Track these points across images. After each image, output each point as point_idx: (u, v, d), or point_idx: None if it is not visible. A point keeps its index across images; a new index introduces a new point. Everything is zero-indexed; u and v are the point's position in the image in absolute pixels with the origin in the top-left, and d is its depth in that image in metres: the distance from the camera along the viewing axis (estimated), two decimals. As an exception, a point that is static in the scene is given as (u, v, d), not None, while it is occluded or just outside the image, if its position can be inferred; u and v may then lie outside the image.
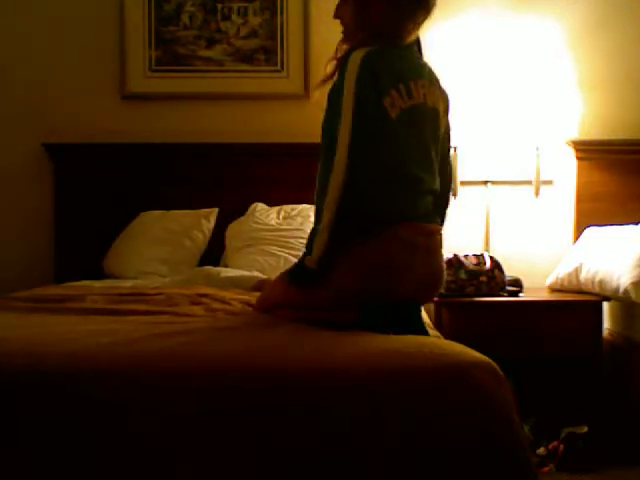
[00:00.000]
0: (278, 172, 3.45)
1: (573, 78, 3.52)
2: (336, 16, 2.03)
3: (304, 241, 3.06)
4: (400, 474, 1.41)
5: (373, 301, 1.86)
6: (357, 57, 1.87)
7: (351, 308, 1.87)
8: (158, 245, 3.24)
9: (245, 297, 2.36)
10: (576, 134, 3.50)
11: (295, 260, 2.94)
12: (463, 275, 2.98)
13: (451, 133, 2.12)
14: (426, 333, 1.93)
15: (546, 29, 3.52)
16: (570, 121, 3.51)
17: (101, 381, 1.47)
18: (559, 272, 3.23)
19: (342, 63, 1.91)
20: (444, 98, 2.03)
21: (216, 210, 3.39)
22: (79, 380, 1.47)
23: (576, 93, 3.52)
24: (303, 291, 1.88)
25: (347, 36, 2.02)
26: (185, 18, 3.57)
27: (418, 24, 1.98)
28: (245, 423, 1.43)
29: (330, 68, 1.99)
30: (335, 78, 1.93)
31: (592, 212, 3.40)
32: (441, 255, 1.98)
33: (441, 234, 2.00)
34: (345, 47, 1.99)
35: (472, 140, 3.28)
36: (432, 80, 1.99)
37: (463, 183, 3.34)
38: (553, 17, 3.52)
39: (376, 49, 1.90)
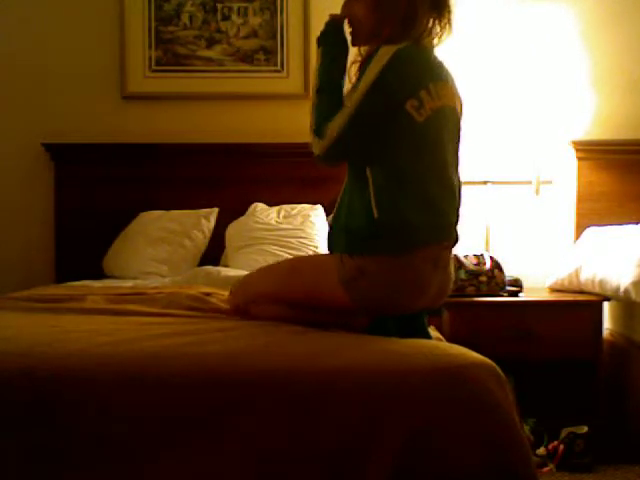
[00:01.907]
0: (278, 172, 3.45)
1: (576, 77, 3.51)
2: (344, 14, 1.95)
3: (304, 241, 3.10)
4: (400, 474, 1.41)
5: (389, 313, 1.86)
6: (387, 52, 1.80)
7: (364, 315, 1.87)
8: (158, 245, 3.23)
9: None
10: (577, 134, 3.49)
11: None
12: (463, 275, 2.98)
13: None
14: (429, 336, 1.94)
15: (553, 23, 3.50)
16: (571, 121, 3.50)
17: (101, 381, 1.47)
18: (560, 273, 3.23)
19: (367, 60, 1.85)
20: (458, 96, 1.98)
21: (216, 210, 3.39)
22: (79, 380, 1.47)
23: (579, 92, 3.51)
24: (334, 290, 1.83)
25: (360, 36, 1.95)
26: (185, 18, 3.57)
27: (440, 20, 1.90)
28: (244, 422, 1.43)
29: (354, 71, 1.93)
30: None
31: (592, 212, 3.40)
32: (451, 266, 1.95)
33: (454, 245, 1.96)
34: (368, 47, 1.92)
35: (472, 140, 3.27)
36: (450, 79, 1.93)
37: (463, 183, 3.33)
38: (558, 10, 3.50)
39: (408, 46, 1.83)
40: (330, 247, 1.94)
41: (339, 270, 1.82)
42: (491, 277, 3.01)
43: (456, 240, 1.96)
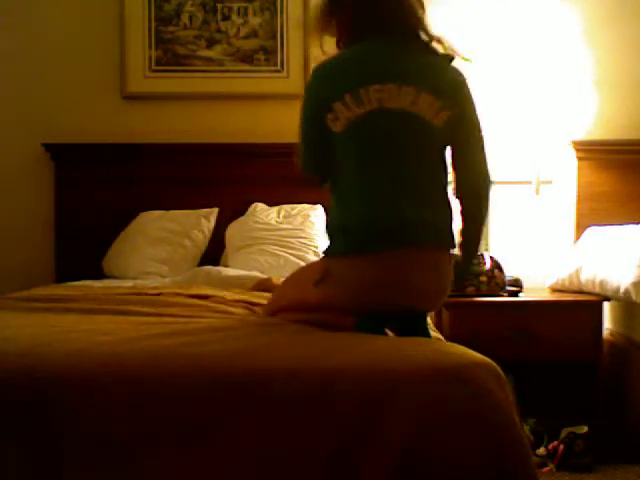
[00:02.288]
0: (278, 172, 3.43)
1: (578, 77, 3.50)
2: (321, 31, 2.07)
3: (304, 241, 3.11)
4: (400, 474, 1.41)
5: (369, 311, 1.86)
6: (313, 69, 1.96)
7: (349, 314, 1.88)
8: (158, 245, 3.23)
9: (246, 297, 2.36)
10: (577, 134, 3.49)
11: (295, 260, 2.99)
12: (463, 275, 2.98)
13: (472, 122, 2.07)
14: (428, 336, 1.93)
15: (555, 21, 3.49)
16: (572, 121, 3.49)
17: (101, 381, 1.47)
18: (560, 273, 3.22)
19: None
20: (431, 99, 1.87)
21: (216, 210, 3.39)
22: (79, 380, 1.47)
23: (580, 92, 3.50)
24: (319, 290, 1.87)
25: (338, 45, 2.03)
26: (185, 18, 3.57)
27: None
28: (244, 422, 1.43)
29: None
30: None
31: (592, 212, 3.39)
32: (440, 271, 1.87)
33: (445, 253, 1.90)
34: None
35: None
36: (411, 80, 1.85)
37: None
38: (560, 8, 3.49)
39: (328, 59, 1.94)
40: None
41: (320, 271, 1.87)
42: (491, 277, 3.00)
43: (443, 241, 1.90)
